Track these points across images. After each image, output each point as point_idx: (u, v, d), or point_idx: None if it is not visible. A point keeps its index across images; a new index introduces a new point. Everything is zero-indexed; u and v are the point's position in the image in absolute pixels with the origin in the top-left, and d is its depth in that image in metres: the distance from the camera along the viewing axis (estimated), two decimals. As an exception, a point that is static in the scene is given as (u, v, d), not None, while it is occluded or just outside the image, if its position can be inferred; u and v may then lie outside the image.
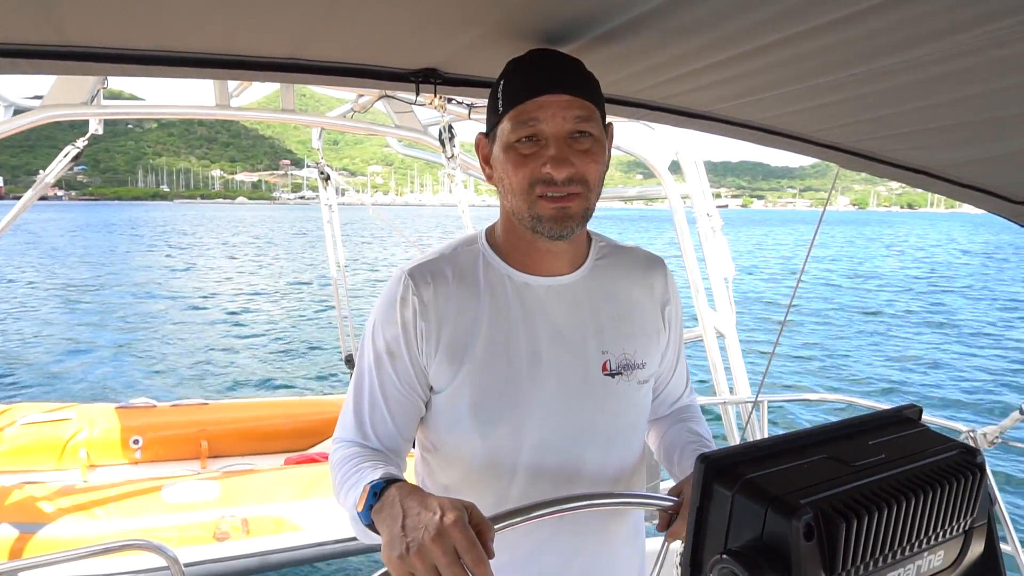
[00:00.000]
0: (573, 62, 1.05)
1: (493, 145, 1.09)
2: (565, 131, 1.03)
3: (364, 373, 1.14)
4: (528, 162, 1.03)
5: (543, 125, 1.02)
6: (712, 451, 0.57)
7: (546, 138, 1.03)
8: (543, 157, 1.02)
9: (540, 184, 1.03)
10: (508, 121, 1.04)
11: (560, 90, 1.02)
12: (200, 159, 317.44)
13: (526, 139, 1.03)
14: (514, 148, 1.04)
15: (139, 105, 3.62)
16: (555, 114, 1.02)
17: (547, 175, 1.02)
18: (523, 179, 1.04)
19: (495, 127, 1.07)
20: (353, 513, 0.98)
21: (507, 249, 1.15)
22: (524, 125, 1.02)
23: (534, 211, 1.05)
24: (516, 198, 1.06)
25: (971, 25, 0.87)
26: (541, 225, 1.05)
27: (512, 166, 1.04)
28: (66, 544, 3.68)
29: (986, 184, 1.74)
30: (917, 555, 0.57)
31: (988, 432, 2.70)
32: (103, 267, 31.69)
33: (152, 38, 1.10)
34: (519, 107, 1.02)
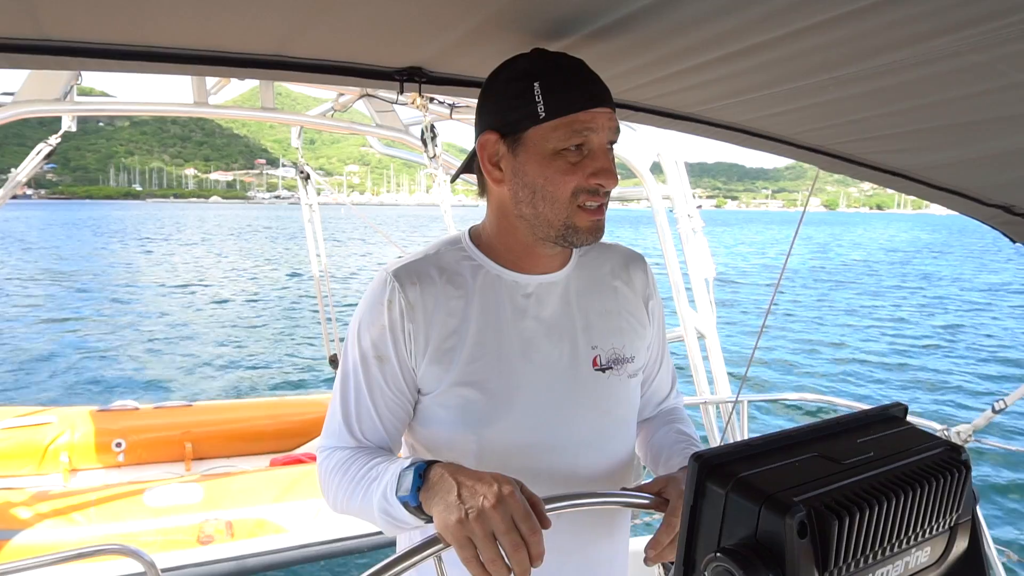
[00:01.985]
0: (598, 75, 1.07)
1: (516, 147, 1.05)
2: (606, 143, 1.05)
3: (350, 377, 1.12)
4: (576, 171, 1.03)
5: (593, 135, 1.02)
6: (705, 450, 0.57)
7: (590, 148, 1.03)
8: (590, 167, 1.03)
9: (584, 193, 1.03)
10: (557, 128, 1.02)
11: (606, 103, 1.04)
12: (174, 158, 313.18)
13: (572, 148, 1.03)
14: (561, 156, 1.02)
15: (115, 102, 3.55)
16: (604, 125, 1.03)
17: (595, 186, 1.03)
18: (568, 188, 1.03)
19: (524, 130, 1.03)
20: (384, 504, 0.97)
21: (497, 249, 1.14)
22: (577, 134, 1.02)
23: (571, 221, 1.05)
24: (553, 207, 1.04)
25: (950, 30, 0.89)
26: (575, 235, 1.06)
27: (560, 174, 1.03)
28: (43, 550, 3.59)
29: (960, 187, 1.77)
30: (905, 551, 0.58)
31: (962, 430, 2.75)
32: (82, 267, 31.10)
33: (132, 33, 1.08)
34: (573, 115, 1.01)
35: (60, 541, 3.72)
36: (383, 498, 0.98)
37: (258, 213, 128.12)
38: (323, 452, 1.14)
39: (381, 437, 1.12)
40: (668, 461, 1.19)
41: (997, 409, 2.66)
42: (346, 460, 1.09)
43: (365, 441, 1.12)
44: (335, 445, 1.13)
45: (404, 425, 1.14)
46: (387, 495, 0.98)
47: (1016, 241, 1.98)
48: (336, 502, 1.10)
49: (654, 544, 1.03)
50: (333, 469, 1.09)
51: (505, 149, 1.07)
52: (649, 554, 1.03)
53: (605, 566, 1.18)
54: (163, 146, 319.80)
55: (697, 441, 1.22)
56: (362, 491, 1.03)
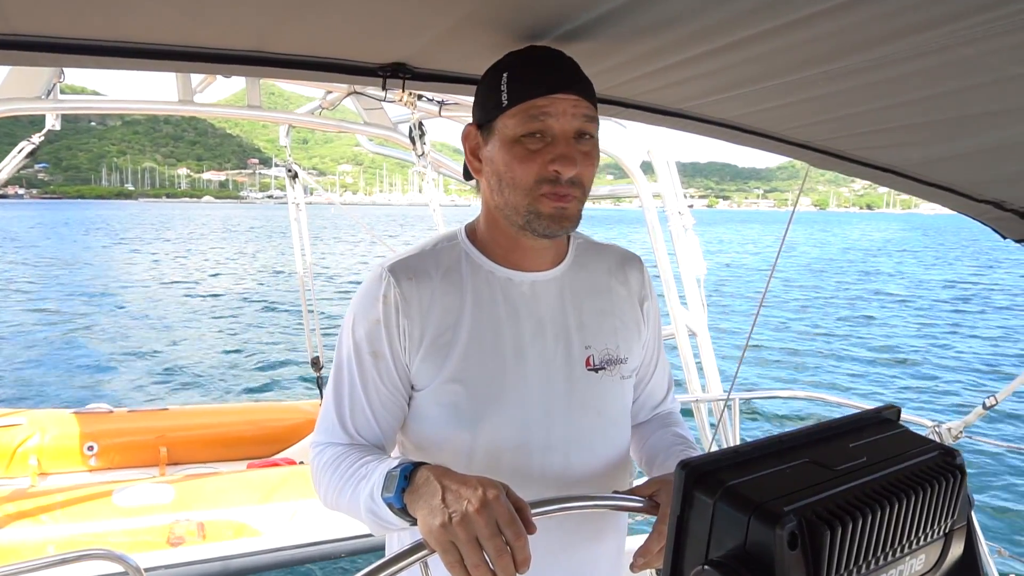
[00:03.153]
0: (575, 63, 1.05)
1: (488, 137, 1.06)
2: (572, 130, 1.02)
3: (344, 373, 1.10)
4: (535, 158, 1.02)
5: (552, 121, 1.01)
6: (693, 457, 0.55)
7: (553, 135, 1.02)
8: (550, 154, 1.01)
9: (546, 183, 1.02)
10: (515, 115, 1.02)
11: (572, 90, 1.02)
12: (166, 157, 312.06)
13: (533, 135, 1.01)
14: (521, 143, 1.02)
15: (98, 100, 3.51)
16: (566, 111, 1.01)
17: (554, 173, 1.01)
18: (529, 175, 1.02)
19: (493, 120, 1.04)
20: (370, 503, 0.97)
21: (490, 245, 1.13)
22: (534, 120, 1.01)
23: (534, 207, 1.03)
24: (516, 193, 1.04)
25: (939, 23, 0.88)
26: (538, 221, 1.04)
27: (518, 161, 1.02)
28: (8, 552, 3.54)
29: (951, 182, 1.76)
30: (899, 560, 0.56)
31: (953, 427, 2.75)
32: (60, 266, 30.84)
33: (109, 28, 1.05)
34: (531, 102, 1.00)
35: (28, 541, 3.64)
36: (370, 498, 0.97)
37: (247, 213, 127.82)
38: (316, 448, 1.13)
39: (375, 434, 1.11)
40: (664, 463, 1.18)
41: (988, 405, 2.66)
42: (338, 457, 1.07)
43: (359, 438, 1.10)
44: (328, 441, 1.12)
45: (398, 422, 1.13)
46: (374, 495, 0.97)
47: (1007, 237, 1.97)
48: (327, 498, 1.09)
49: (643, 551, 1.01)
50: (325, 465, 1.08)
51: (481, 140, 1.08)
52: (637, 561, 1.02)
53: (596, 568, 1.16)
54: (155, 146, 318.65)
55: (693, 445, 1.21)
56: (351, 489, 1.02)
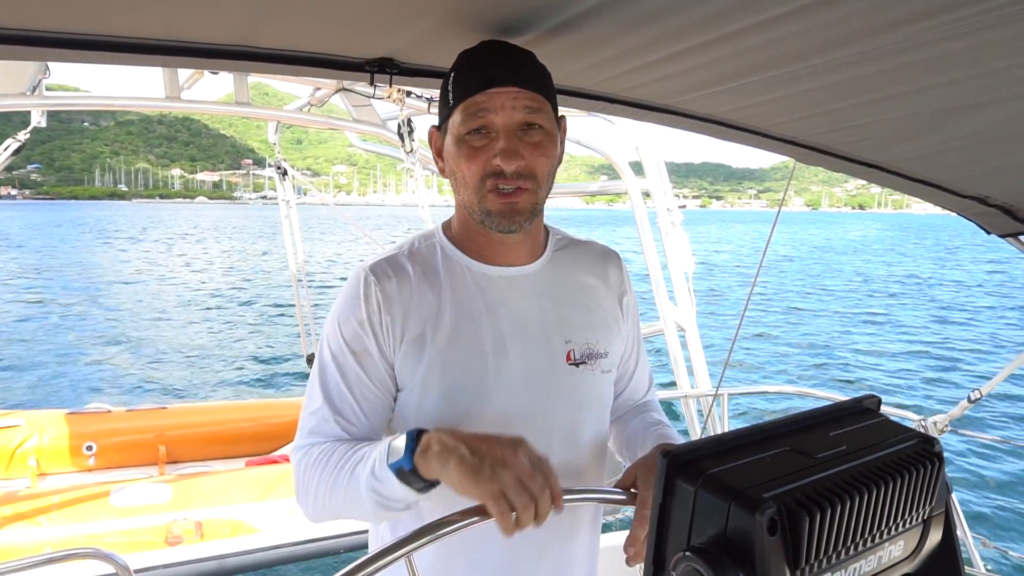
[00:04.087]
0: (524, 54, 1.05)
1: (445, 138, 1.09)
2: (515, 123, 1.02)
3: (328, 374, 1.09)
4: (479, 155, 1.03)
5: (493, 116, 1.01)
6: (675, 446, 0.55)
7: (496, 130, 1.02)
8: (493, 149, 1.02)
9: (491, 177, 1.03)
10: (458, 113, 1.03)
11: (510, 83, 1.01)
12: (159, 158, 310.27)
13: (476, 131, 1.02)
14: (465, 141, 1.03)
15: (83, 96, 3.47)
16: (504, 104, 1.01)
17: (497, 167, 1.02)
18: (475, 172, 1.03)
19: (446, 120, 1.07)
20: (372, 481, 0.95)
21: (465, 241, 1.14)
22: (474, 117, 1.02)
23: (483, 205, 1.05)
24: (468, 191, 1.06)
25: (923, 17, 0.88)
26: (490, 219, 1.06)
27: (464, 159, 1.04)
28: (8, 554, 3.52)
29: (935, 178, 1.77)
30: (878, 546, 0.57)
31: (939, 420, 2.78)
32: (54, 266, 30.59)
33: (92, 22, 1.04)
34: (469, 99, 1.02)
35: (25, 543, 3.64)
36: (372, 475, 0.96)
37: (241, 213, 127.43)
38: (299, 451, 1.10)
39: (365, 432, 1.09)
40: (644, 445, 1.19)
41: (973, 399, 2.69)
42: (327, 452, 1.06)
43: (347, 436, 1.09)
44: (314, 442, 1.09)
45: (387, 418, 1.12)
46: (376, 470, 0.95)
47: (991, 232, 1.99)
48: (317, 499, 1.06)
49: (631, 540, 1.01)
50: (314, 462, 1.06)
51: (443, 141, 1.10)
52: (628, 552, 1.02)
53: (573, 568, 1.16)
54: (149, 146, 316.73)
55: (670, 425, 1.21)
56: (347, 475, 1.01)
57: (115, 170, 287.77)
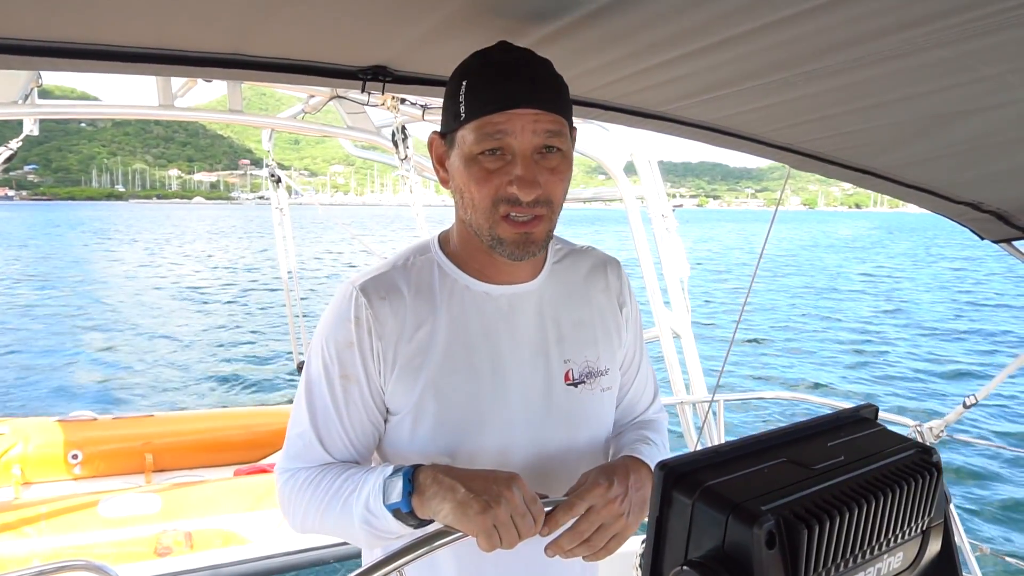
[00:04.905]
0: (543, 65, 0.98)
1: (451, 148, 1.01)
2: (533, 147, 0.95)
3: (315, 397, 1.06)
4: (492, 178, 0.95)
5: (511, 139, 0.94)
6: (671, 458, 0.55)
7: (513, 153, 0.95)
8: (509, 174, 0.95)
9: (505, 203, 0.96)
10: (471, 131, 0.95)
11: (531, 103, 0.94)
12: (157, 158, 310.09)
13: (490, 152, 0.95)
14: (477, 161, 0.96)
15: (76, 104, 3.46)
16: (524, 127, 0.94)
17: (512, 195, 0.95)
18: (486, 196, 0.96)
19: (454, 131, 0.98)
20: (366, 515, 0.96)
21: (464, 258, 1.08)
22: (489, 138, 0.94)
23: (495, 232, 0.98)
24: (477, 214, 0.99)
25: (916, 24, 0.88)
26: (502, 247, 0.99)
27: (475, 181, 0.96)
28: None
29: (929, 184, 1.78)
30: (877, 558, 0.57)
31: (934, 426, 2.78)
32: (43, 270, 30.42)
33: (84, 30, 1.04)
34: (486, 118, 0.93)
35: (9, 555, 3.60)
36: (365, 509, 0.96)
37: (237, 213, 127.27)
38: (285, 473, 1.09)
39: (351, 457, 1.08)
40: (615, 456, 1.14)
41: (968, 404, 2.69)
42: (314, 477, 1.05)
43: (332, 460, 1.07)
44: (298, 466, 1.08)
45: (374, 443, 1.10)
46: (370, 506, 0.95)
47: (984, 238, 2.00)
48: (305, 520, 1.06)
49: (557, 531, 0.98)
50: (300, 488, 1.05)
51: (445, 149, 1.03)
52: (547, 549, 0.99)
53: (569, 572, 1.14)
54: (146, 147, 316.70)
55: (655, 441, 1.17)
56: (338, 505, 0.99)
57: (112, 171, 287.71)
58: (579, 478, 1.01)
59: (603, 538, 0.97)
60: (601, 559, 1.01)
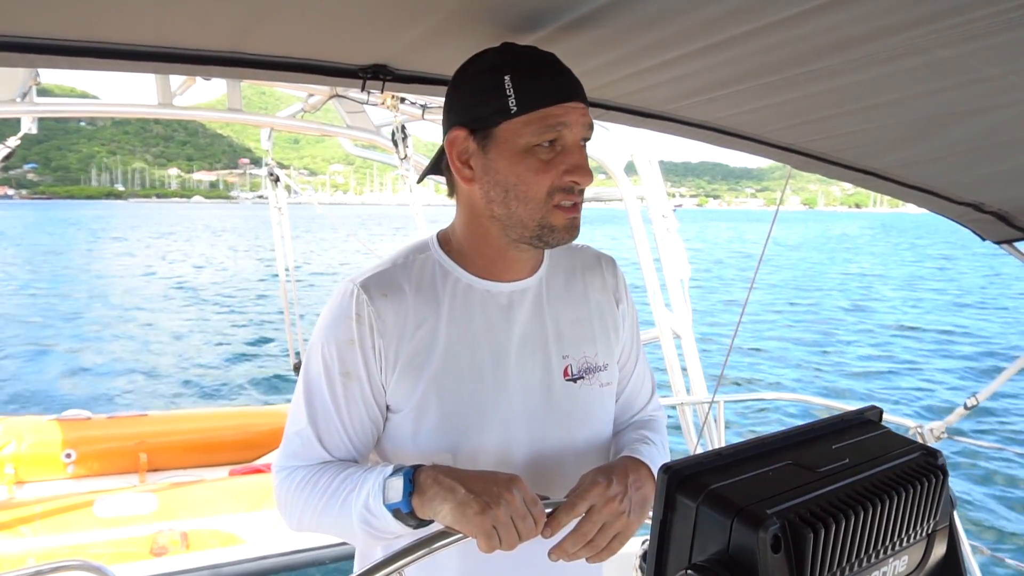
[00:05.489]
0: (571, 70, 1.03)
1: (488, 144, 0.99)
2: (582, 138, 1.00)
3: (314, 395, 1.06)
4: (550, 168, 0.98)
5: (565, 131, 0.98)
6: (675, 461, 0.54)
7: (564, 145, 0.98)
8: (563, 164, 0.98)
9: (559, 192, 0.99)
10: (528, 123, 0.96)
11: (579, 99, 1.00)
12: (156, 157, 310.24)
13: (545, 144, 0.98)
14: (533, 153, 0.97)
15: (74, 102, 3.45)
16: (577, 120, 0.98)
17: (570, 184, 0.98)
18: (543, 186, 0.98)
19: (495, 126, 0.98)
20: (365, 514, 0.96)
21: (470, 256, 1.09)
22: (550, 129, 0.96)
23: (547, 220, 1.00)
24: (527, 206, 0.99)
25: (917, 24, 0.88)
26: (551, 235, 1.01)
27: (533, 172, 0.97)
28: None
29: (931, 185, 1.78)
30: (883, 562, 0.56)
31: (935, 427, 2.77)
32: (39, 269, 30.38)
33: (82, 28, 1.03)
34: (546, 110, 0.96)
35: (5, 555, 3.59)
36: (364, 508, 0.96)
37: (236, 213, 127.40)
38: (282, 472, 1.09)
39: (350, 455, 1.08)
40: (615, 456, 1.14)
41: (969, 405, 2.69)
42: (312, 475, 1.04)
43: (331, 458, 1.07)
44: (296, 464, 1.08)
45: (373, 441, 1.10)
46: (370, 505, 0.95)
47: (986, 239, 1.99)
48: (303, 519, 1.06)
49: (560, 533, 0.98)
50: (298, 486, 1.05)
51: (475, 146, 1.01)
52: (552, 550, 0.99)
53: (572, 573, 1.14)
54: (145, 146, 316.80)
55: (654, 440, 1.17)
56: (337, 504, 0.99)
57: (112, 170, 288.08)
58: (579, 480, 1.01)
59: (606, 538, 0.97)
60: (605, 560, 1.01)
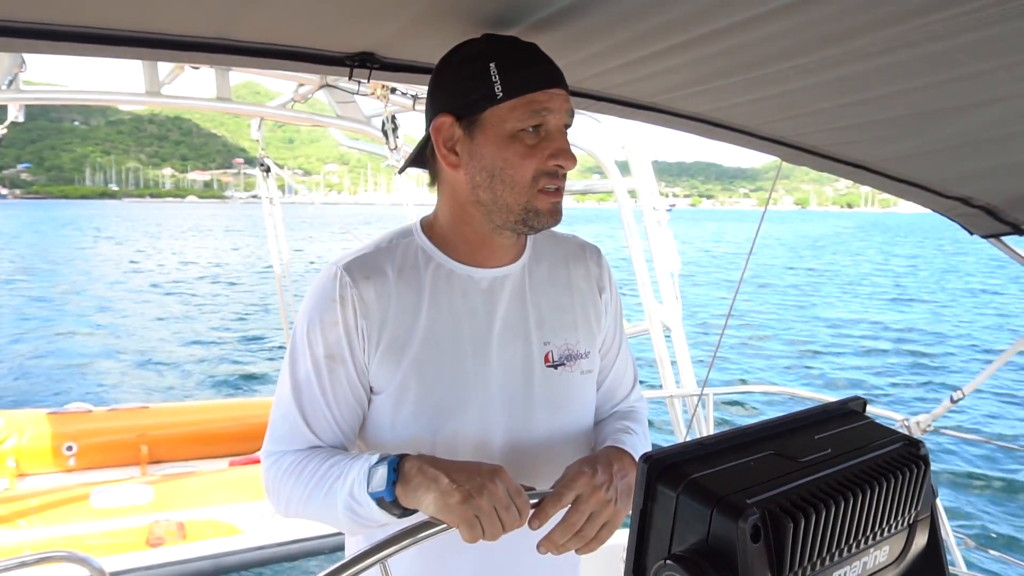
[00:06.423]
0: None
1: (474, 130, 1.01)
2: (564, 124, 1.03)
3: (300, 378, 1.06)
4: (535, 153, 1.00)
5: (550, 116, 1.00)
6: (655, 450, 0.54)
7: (548, 130, 1.01)
8: (548, 149, 1.00)
9: (545, 176, 1.01)
10: (514, 108, 0.98)
11: (562, 86, 1.02)
12: (150, 157, 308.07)
13: (531, 129, 1.00)
14: (519, 138, 0.99)
15: (62, 90, 3.41)
16: (561, 106, 1.01)
17: (554, 168, 1.01)
18: (528, 171, 1.00)
19: (481, 111, 1.00)
20: (350, 502, 0.96)
21: (453, 242, 1.10)
22: (535, 114, 0.99)
23: (532, 205, 1.02)
24: (513, 190, 1.01)
25: (907, 18, 0.88)
26: (536, 219, 1.03)
27: (519, 157, 1.00)
28: None
29: (919, 178, 1.78)
30: (863, 551, 0.56)
31: (921, 420, 2.79)
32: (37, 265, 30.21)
33: (63, 11, 1.01)
34: (531, 96, 0.98)
35: (2, 545, 3.59)
36: (349, 496, 0.96)
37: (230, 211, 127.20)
38: (270, 457, 1.09)
39: (337, 438, 1.08)
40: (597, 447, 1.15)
41: (955, 399, 2.70)
42: (300, 461, 1.05)
43: (319, 442, 1.07)
44: (284, 449, 1.08)
45: (359, 423, 1.10)
46: (354, 493, 0.95)
47: (974, 233, 2.00)
48: (289, 506, 1.06)
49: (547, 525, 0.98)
50: (285, 472, 1.05)
51: (461, 132, 1.03)
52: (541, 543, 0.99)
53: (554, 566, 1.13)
54: (139, 145, 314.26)
55: (636, 431, 1.17)
56: (323, 491, 1.00)
57: (106, 169, 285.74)
58: (563, 471, 1.01)
59: (594, 527, 0.98)
60: (594, 550, 1.01)
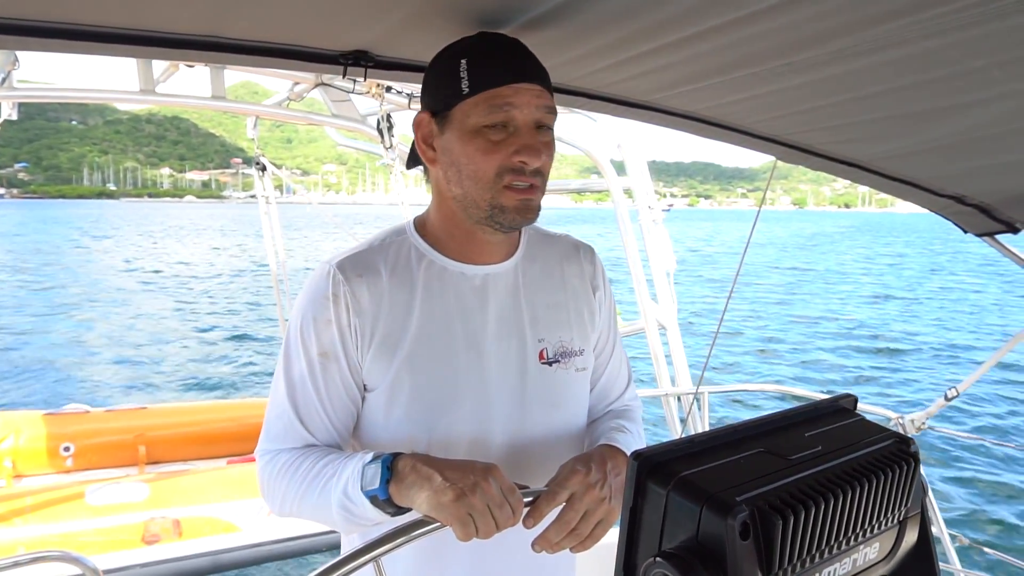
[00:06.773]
0: (534, 54, 1.03)
1: (445, 126, 1.02)
2: (533, 121, 1.00)
3: (295, 376, 1.07)
4: (498, 149, 0.99)
5: (516, 112, 0.98)
6: (646, 448, 0.54)
7: (515, 126, 0.99)
8: (513, 145, 0.99)
9: (509, 173, 0.99)
10: (478, 104, 0.98)
11: (535, 80, 1.00)
12: (148, 157, 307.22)
13: (496, 125, 0.99)
14: (482, 134, 0.99)
15: (55, 89, 3.41)
16: (529, 102, 0.99)
17: (519, 164, 0.99)
18: (491, 167, 0.99)
19: (450, 108, 1.01)
20: (344, 501, 0.96)
21: (443, 239, 1.10)
22: (498, 110, 0.98)
23: (497, 201, 1.01)
24: (477, 186, 1.01)
25: (901, 15, 0.88)
26: (503, 216, 1.02)
27: (481, 152, 0.99)
28: None
29: (914, 177, 1.78)
30: (854, 548, 0.56)
31: (915, 418, 2.80)
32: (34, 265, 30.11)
33: (56, 8, 1.01)
34: (494, 90, 0.97)
35: None
36: (343, 495, 0.96)
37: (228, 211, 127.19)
38: (265, 456, 1.09)
39: (331, 436, 1.08)
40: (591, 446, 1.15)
41: (949, 397, 2.71)
42: (294, 460, 1.05)
43: (313, 441, 1.07)
44: (279, 447, 1.08)
45: (353, 421, 1.10)
46: (348, 492, 0.95)
47: (968, 231, 2.01)
48: (284, 504, 1.06)
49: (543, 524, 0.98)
50: (280, 471, 1.05)
51: (436, 128, 1.04)
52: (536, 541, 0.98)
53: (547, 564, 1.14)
54: (137, 145, 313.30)
55: (630, 429, 1.17)
56: (317, 489, 1.00)
57: (104, 169, 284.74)
58: (557, 469, 1.01)
59: (588, 525, 0.98)
60: (588, 548, 1.01)
